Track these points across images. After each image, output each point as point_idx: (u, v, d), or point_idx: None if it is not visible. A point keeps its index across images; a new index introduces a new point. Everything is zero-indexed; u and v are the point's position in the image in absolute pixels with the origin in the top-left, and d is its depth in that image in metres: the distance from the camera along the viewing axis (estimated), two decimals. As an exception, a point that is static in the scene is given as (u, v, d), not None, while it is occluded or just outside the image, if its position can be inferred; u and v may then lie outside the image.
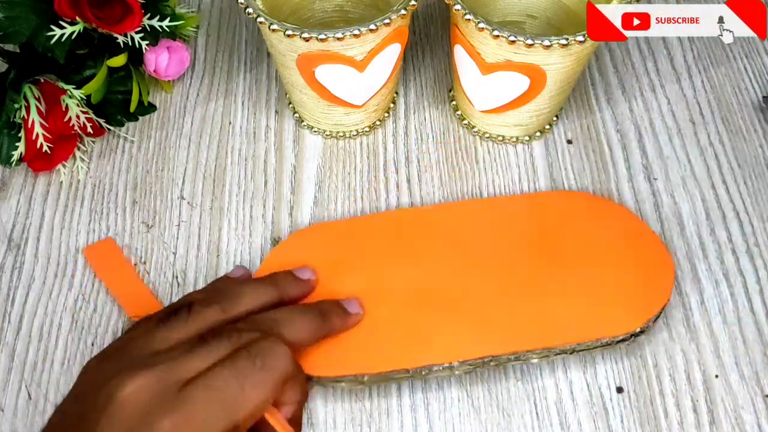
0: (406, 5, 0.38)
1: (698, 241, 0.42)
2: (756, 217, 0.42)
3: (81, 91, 0.42)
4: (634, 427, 0.36)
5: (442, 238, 0.40)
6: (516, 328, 0.36)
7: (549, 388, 0.37)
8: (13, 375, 0.37)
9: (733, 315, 0.39)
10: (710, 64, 0.50)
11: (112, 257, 0.41)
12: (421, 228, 0.40)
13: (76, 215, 0.43)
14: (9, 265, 0.41)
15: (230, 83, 0.49)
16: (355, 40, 0.37)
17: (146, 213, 0.43)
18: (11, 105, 0.41)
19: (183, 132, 0.46)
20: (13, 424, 0.36)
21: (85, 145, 0.45)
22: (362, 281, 0.38)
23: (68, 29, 0.40)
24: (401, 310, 0.37)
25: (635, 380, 0.37)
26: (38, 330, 0.39)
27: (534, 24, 0.46)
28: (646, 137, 0.46)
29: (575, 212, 0.41)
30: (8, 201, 0.43)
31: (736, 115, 0.47)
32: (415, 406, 0.36)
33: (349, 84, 0.41)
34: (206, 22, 0.52)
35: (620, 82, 0.49)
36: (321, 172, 0.45)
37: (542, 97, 0.41)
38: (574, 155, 0.45)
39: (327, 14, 0.47)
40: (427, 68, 0.50)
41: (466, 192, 0.44)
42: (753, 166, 0.45)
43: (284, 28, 0.37)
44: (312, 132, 0.46)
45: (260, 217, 0.43)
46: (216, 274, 0.40)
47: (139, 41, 0.43)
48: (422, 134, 0.46)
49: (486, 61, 0.39)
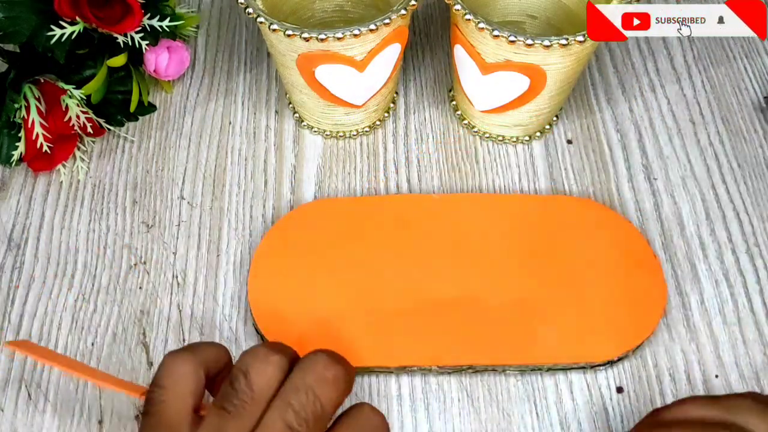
0: (406, 5, 0.38)
1: (698, 241, 0.42)
2: (756, 217, 0.42)
3: (81, 91, 0.42)
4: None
5: (441, 233, 0.40)
6: (497, 341, 0.36)
7: (549, 388, 0.37)
8: (13, 375, 0.37)
9: (733, 315, 0.39)
10: (710, 64, 0.50)
11: (41, 352, 0.35)
12: (423, 218, 0.40)
13: (76, 215, 0.43)
14: (9, 265, 0.41)
15: (230, 83, 0.49)
16: (355, 40, 0.37)
17: (146, 213, 0.43)
18: (11, 105, 0.41)
19: (183, 132, 0.46)
20: (13, 424, 0.36)
21: (85, 145, 0.45)
22: (357, 271, 0.39)
23: (68, 29, 0.40)
24: (389, 307, 0.37)
25: (635, 380, 0.37)
26: (38, 330, 0.39)
27: (534, 24, 0.46)
28: (646, 137, 0.46)
29: (579, 222, 0.40)
30: (8, 201, 0.43)
31: (736, 115, 0.47)
32: (415, 406, 0.37)
33: (349, 84, 0.41)
34: (206, 22, 0.52)
35: (620, 82, 0.49)
36: (321, 172, 0.45)
37: (542, 97, 0.41)
38: (574, 155, 0.45)
39: (327, 14, 0.47)
40: (427, 68, 0.50)
41: (466, 192, 0.44)
42: (753, 166, 0.45)
43: (284, 28, 0.37)
44: (312, 132, 0.46)
45: (260, 217, 0.43)
46: (216, 274, 0.40)
47: (139, 41, 0.43)
48: (422, 134, 0.46)
49: (486, 61, 0.39)
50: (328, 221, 0.41)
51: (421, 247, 0.39)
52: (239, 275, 0.40)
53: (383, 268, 0.39)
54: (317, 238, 0.40)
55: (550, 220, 0.40)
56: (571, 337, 0.37)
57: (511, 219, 0.41)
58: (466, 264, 0.39)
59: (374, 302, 0.38)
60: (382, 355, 0.36)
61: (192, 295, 0.40)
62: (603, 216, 0.41)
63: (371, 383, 0.37)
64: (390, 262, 0.39)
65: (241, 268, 0.41)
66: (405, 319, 0.37)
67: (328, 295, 0.38)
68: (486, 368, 0.37)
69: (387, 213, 0.41)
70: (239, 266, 0.41)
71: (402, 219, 0.40)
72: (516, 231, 0.40)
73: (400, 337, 0.37)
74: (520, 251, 0.39)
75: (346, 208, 0.41)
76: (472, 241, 0.39)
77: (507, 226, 0.40)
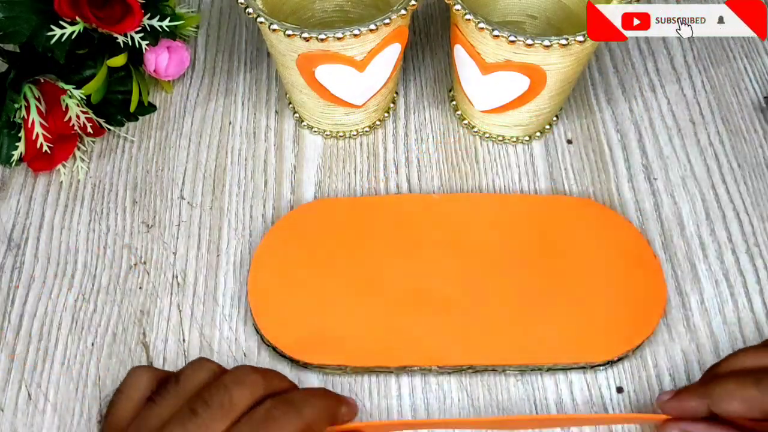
0: (406, 5, 0.38)
1: (698, 241, 0.42)
2: (756, 217, 0.42)
3: (81, 91, 0.42)
4: (634, 427, 0.36)
5: (441, 232, 0.40)
6: (497, 341, 0.36)
7: (549, 388, 0.37)
8: (13, 375, 0.37)
9: (733, 315, 0.39)
10: (710, 64, 0.50)
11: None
12: (423, 218, 0.40)
13: (76, 215, 0.43)
14: (9, 265, 0.41)
15: (230, 83, 0.49)
16: (355, 40, 0.37)
17: (146, 213, 0.43)
18: (11, 105, 0.41)
19: (183, 132, 0.46)
20: (13, 424, 0.36)
21: (85, 145, 0.45)
22: (356, 271, 0.39)
23: (68, 29, 0.40)
24: (389, 307, 0.37)
25: (635, 380, 0.37)
26: (38, 330, 0.39)
27: (534, 24, 0.46)
28: (646, 137, 0.46)
29: (579, 222, 0.40)
30: (8, 201, 0.43)
31: (736, 115, 0.47)
32: (415, 406, 0.36)
33: (349, 84, 0.41)
34: (206, 22, 0.52)
35: (620, 82, 0.49)
36: (321, 172, 0.45)
37: (542, 97, 0.41)
38: (574, 155, 0.45)
39: (327, 14, 0.47)
40: (427, 68, 0.50)
41: (466, 192, 0.44)
42: (753, 166, 0.45)
43: (284, 28, 0.37)
44: (312, 132, 0.46)
45: (260, 217, 0.43)
46: (216, 274, 0.40)
47: (139, 41, 0.43)
48: (422, 134, 0.46)
49: (486, 61, 0.39)
50: (327, 221, 0.41)
51: (421, 247, 0.39)
52: (239, 275, 0.40)
53: (383, 268, 0.39)
54: (317, 238, 0.40)
55: (550, 221, 0.40)
56: (571, 337, 0.37)
57: (511, 219, 0.41)
58: (466, 264, 0.39)
59: (374, 302, 0.38)
60: (382, 355, 0.36)
61: (192, 295, 0.40)
62: (603, 216, 0.41)
63: (371, 383, 0.37)
64: (390, 262, 0.39)
65: (241, 268, 0.41)
66: (405, 319, 0.37)
67: (327, 295, 0.38)
68: (486, 368, 0.37)
69: (387, 213, 0.41)
70: (239, 266, 0.41)
71: (402, 219, 0.40)
72: (516, 231, 0.40)
73: (400, 337, 0.37)
74: (520, 251, 0.39)
75: (346, 208, 0.41)
76: (472, 241, 0.39)
77: (507, 226, 0.40)
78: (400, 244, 0.39)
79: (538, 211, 0.41)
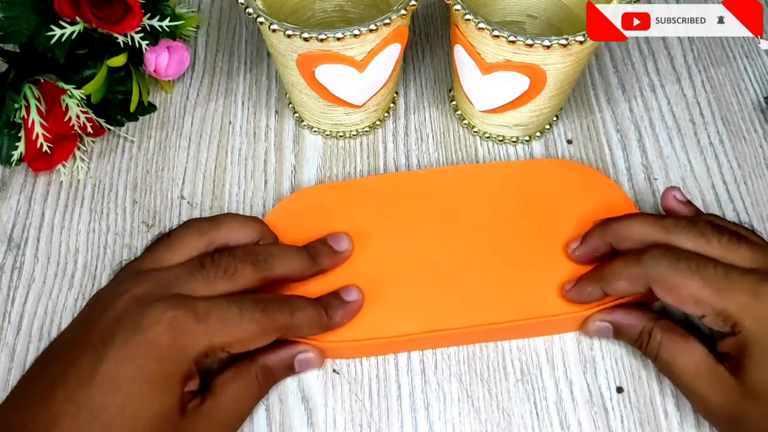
0: (406, 5, 0.38)
1: (698, 241, 0.42)
2: (756, 217, 0.42)
3: (81, 91, 0.42)
4: (634, 427, 0.36)
5: (429, 204, 0.41)
6: (492, 301, 0.37)
7: (549, 388, 0.37)
8: (13, 375, 0.37)
9: (733, 315, 0.39)
10: (710, 64, 0.50)
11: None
12: (410, 193, 0.41)
13: (76, 215, 0.43)
14: (9, 265, 0.41)
15: (230, 83, 0.49)
16: (355, 40, 0.37)
17: (146, 213, 0.43)
18: (11, 105, 0.41)
19: (183, 132, 0.46)
20: (13, 424, 0.36)
21: (85, 145, 0.45)
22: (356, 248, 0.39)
23: (68, 29, 0.40)
24: (384, 279, 0.38)
25: (635, 380, 0.37)
26: (38, 330, 0.39)
27: (534, 24, 0.46)
28: (646, 137, 0.46)
29: (561, 182, 0.41)
30: (8, 201, 0.43)
31: (736, 115, 0.47)
32: (415, 406, 0.37)
33: (349, 84, 0.41)
34: (206, 22, 0.52)
35: (620, 82, 0.49)
36: (321, 172, 0.45)
37: (542, 97, 0.41)
38: (574, 155, 0.45)
39: (327, 14, 0.47)
40: (427, 68, 0.50)
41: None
42: (753, 166, 0.45)
43: (284, 28, 0.37)
44: (312, 132, 0.46)
45: (260, 216, 0.43)
46: (216, 274, 0.40)
47: (139, 41, 0.43)
48: (422, 134, 0.46)
49: (486, 61, 0.39)
50: (317, 207, 0.41)
51: (412, 220, 0.40)
52: (239, 275, 0.40)
53: (375, 244, 0.39)
54: (310, 223, 0.40)
55: (532, 183, 0.42)
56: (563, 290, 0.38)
57: (495, 185, 0.41)
58: (456, 232, 0.40)
59: (368, 276, 0.38)
60: (379, 327, 0.37)
61: (192, 295, 0.40)
62: (583, 174, 0.42)
63: (371, 383, 0.37)
64: (381, 236, 0.40)
65: (241, 268, 0.41)
66: (400, 290, 0.38)
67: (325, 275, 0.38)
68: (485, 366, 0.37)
69: (375, 192, 0.41)
70: (239, 266, 0.41)
71: (390, 196, 0.41)
72: (501, 196, 0.41)
73: (396, 308, 0.37)
74: (507, 214, 0.40)
75: (335, 193, 0.42)
76: (461, 209, 0.40)
77: (492, 193, 0.41)
78: (390, 219, 0.40)
79: (521, 174, 0.42)
